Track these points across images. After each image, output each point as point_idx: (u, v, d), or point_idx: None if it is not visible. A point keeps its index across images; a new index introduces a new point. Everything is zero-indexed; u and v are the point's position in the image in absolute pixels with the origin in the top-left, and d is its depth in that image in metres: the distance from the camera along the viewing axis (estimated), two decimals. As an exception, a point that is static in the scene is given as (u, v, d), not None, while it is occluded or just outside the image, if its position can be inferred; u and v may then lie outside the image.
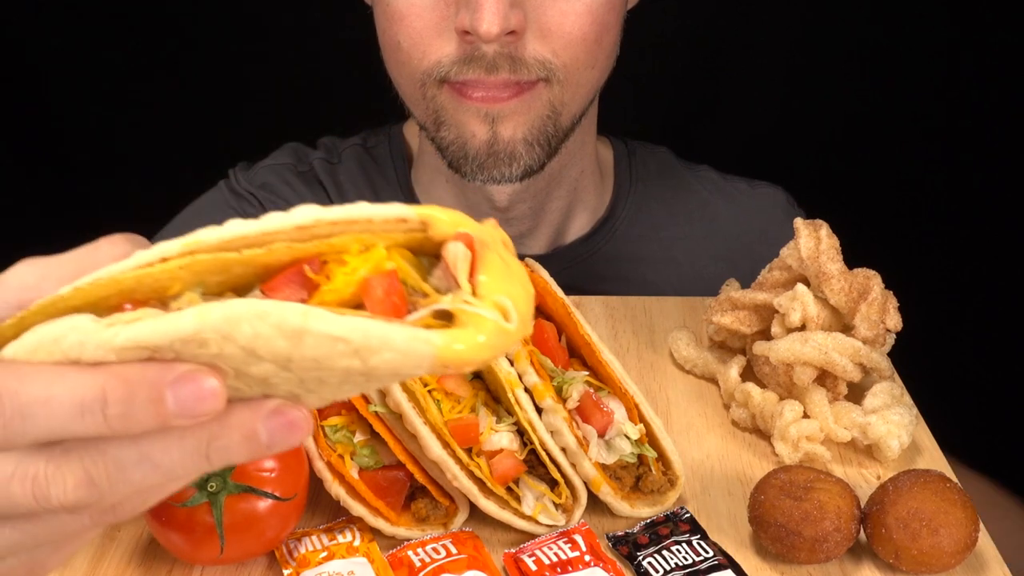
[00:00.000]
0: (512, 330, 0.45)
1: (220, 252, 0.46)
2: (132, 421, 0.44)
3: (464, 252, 0.46)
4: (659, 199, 1.39)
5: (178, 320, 0.43)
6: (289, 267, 0.46)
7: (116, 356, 0.44)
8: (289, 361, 0.43)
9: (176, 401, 0.44)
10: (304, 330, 0.42)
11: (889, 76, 1.82)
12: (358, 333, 0.42)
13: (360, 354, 0.43)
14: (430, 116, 1.16)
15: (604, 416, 0.85)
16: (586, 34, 1.10)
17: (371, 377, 0.45)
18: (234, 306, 0.42)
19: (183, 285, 0.46)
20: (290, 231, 0.46)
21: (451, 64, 1.09)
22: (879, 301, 0.96)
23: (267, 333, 0.42)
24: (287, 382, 0.45)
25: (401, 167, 1.38)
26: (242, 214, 1.34)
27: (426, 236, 0.47)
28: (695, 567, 0.80)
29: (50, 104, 1.86)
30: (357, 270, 0.45)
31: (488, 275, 0.46)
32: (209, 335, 0.43)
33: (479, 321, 0.44)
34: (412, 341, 0.43)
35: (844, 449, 0.96)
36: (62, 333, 0.45)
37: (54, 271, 0.50)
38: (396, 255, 0.47)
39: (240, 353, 0.43)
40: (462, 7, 1.05)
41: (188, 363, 0.44)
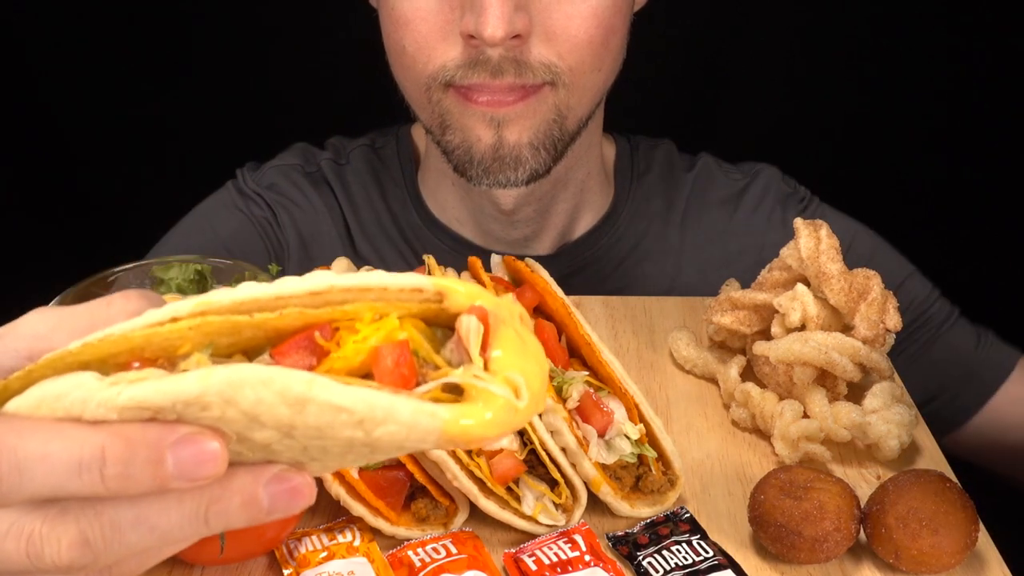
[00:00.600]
0: (522, 408, 0.44)
1: (231, 315, 0.45)
2: (130, 482, 0.44)
3: (477, 326, 0.46)
4: (660, 194, 1.39)
5: (181, 382, 0.43)
6: (300, 332, 0.46)
7: (118, 415, 0.44)
8: (292, 428, 0.43)
9: (176, 463, 0.43)
10: (307, 398, 0.42)
11: (890, 76, 1.82)
12: (362, 404, 0.42)
13: (364, 425, 0.42)
14: (435, 120, 1.15)
15: (604, 416, 0.85)
16: (592, 37, 1.09)
17: (375, 448, 0.44)
18: (238, 371, 0.42)
19: (193, 345, 0.46)
20: (303, 296, 0.46)
21: (456, 68, 1.08)
22: (879, 301, 0.96)
23: (270, 399, 0.42)
24: (290, 449, 0.45)
25: (408, 169, 1.38)
26: (249, 215, 1.35)
27: (441, 307, 0.47)
28: (695, 567, 0.80)
29: (57, 105, 1.86)
30: (368, 339, 0.45)
31: (502, 350, 0.45)
32: (212, 398, 0.42)
33: (489, 397, 0.44)
34: (418, 414, 0.42)
35: (844, 449, 0.96)
36: (65, 390, 0.45)
37: (66, 322, 0.50)
38: (409, 325, 0.46)
39: (242, 418, 0.43)
40: (467, 11, 1.05)
41: (190, 425, 0.44)
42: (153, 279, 0.97)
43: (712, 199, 1.40)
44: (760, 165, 1.42)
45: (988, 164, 1.84)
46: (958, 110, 1.82)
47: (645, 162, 1.41)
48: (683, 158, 1.44)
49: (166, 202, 1.38)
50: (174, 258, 0.97)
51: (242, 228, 1.35)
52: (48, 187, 1.93)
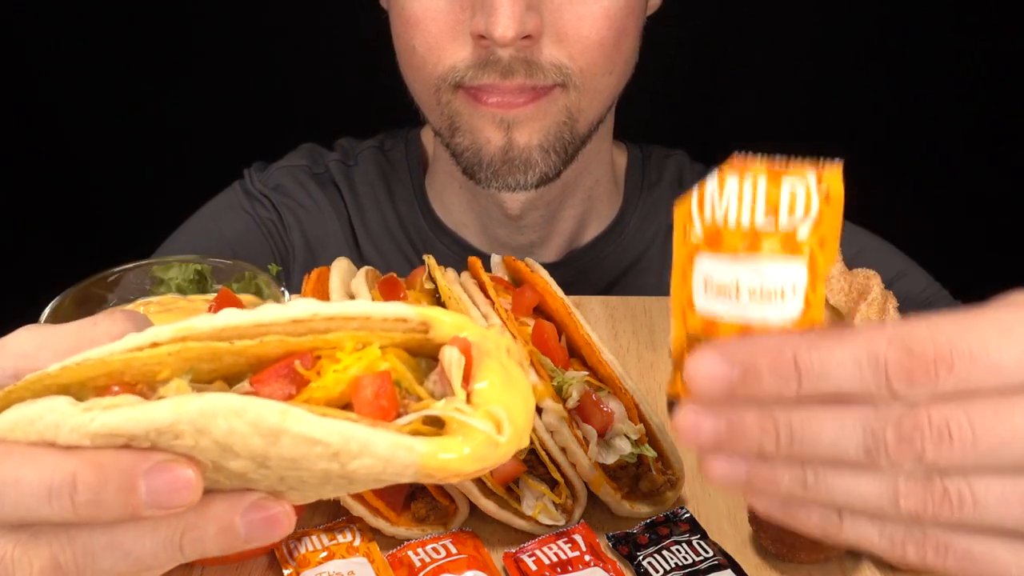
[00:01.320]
0: (503, 443, 0.44)
1: (212, 341, 0.45)
2: (101, 509, 0.43)
3: (459, 357, 0.45)
4: (669, 205, 1.38)
5: (154, 410, 0.42)
6: (281, 360, 0.45)
7: (90, 441, 0.43)
8: (266, 459, 0.42)
9: (149, 491, 0.43)
10: (281, 430, 0.41)
11: (900, 76, 1.81)
12: (337, 436, 0.41)
13: (339, 458, 0.42)
14: (445, 122, 1.14)
15: (604, 416, 0.85)
16: (604, 39, 1.08)
17: (352, 480, 0.44)
18: (211, 400, 0.42)
19: (172, 371, 0.45)
20: (285, 324, 0.45)
21: (466, 69, 1.08)
22: (879, 301, 0.96)
23: (242, 430, 0.41)
24: (267, 478, 0.44)
25: (416, 171, 1.38)
26: (255, 216, 1.35)
27: (427, 337, 0.47)
28: (695, 567, 0.80)
29: (60, 105, 1.86)
30: (349, 368, 0.45)
31: (487, 382, 0.45)
32: (184, 427, 0.42)
33: (469, 431, 0.43)
34: (394, 448, 0.42)
35: (844, 449, 0.96)
36: (39, 414, 0.44)
37: (52, 342, 0.50)
38: (392, 355, 0.46)
39: (215, 448, 0.42)
40: (477, 11, 1.04)
41: (164, 453, 0.43)
42: (153, 279, 0.97)
43: None
44: None
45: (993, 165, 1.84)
46: (968, 113, 1.82)
47: (656, 172, 1.39)
48: (695, 169, 1.42)
49: (173, 202, 1.37)
50: (174, 258, 0.97)
51: (248, 230, 1.35)
52: (52, 187, 1.93)
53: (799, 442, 0.43)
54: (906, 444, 0.42)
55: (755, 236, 0.44)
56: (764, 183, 0.44)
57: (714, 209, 0.45)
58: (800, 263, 0.43)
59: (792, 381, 0.43)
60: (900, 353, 0.42)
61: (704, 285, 0.45)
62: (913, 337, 0.42)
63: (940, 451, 0.41)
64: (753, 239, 0.44)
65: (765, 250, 0.43)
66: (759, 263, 0.44)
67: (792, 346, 0.43)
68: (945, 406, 0.42)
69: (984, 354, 0.41)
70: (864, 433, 0.42)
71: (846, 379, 0.42)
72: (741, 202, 0.44)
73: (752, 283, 0.44)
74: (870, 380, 0.42)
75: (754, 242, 0.44)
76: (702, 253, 0.45)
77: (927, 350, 0.41)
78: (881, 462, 0.42)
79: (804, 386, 0.42)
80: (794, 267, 0.43)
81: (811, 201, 0.43)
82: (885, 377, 0.42)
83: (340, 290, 0.99)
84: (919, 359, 0.41)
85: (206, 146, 1.78)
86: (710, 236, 0.45)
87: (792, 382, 0.43)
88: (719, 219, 0.44)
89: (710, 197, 0.45)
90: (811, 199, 0.43)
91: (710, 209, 0.45)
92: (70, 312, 0.91)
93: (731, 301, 0.44)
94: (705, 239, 0.45)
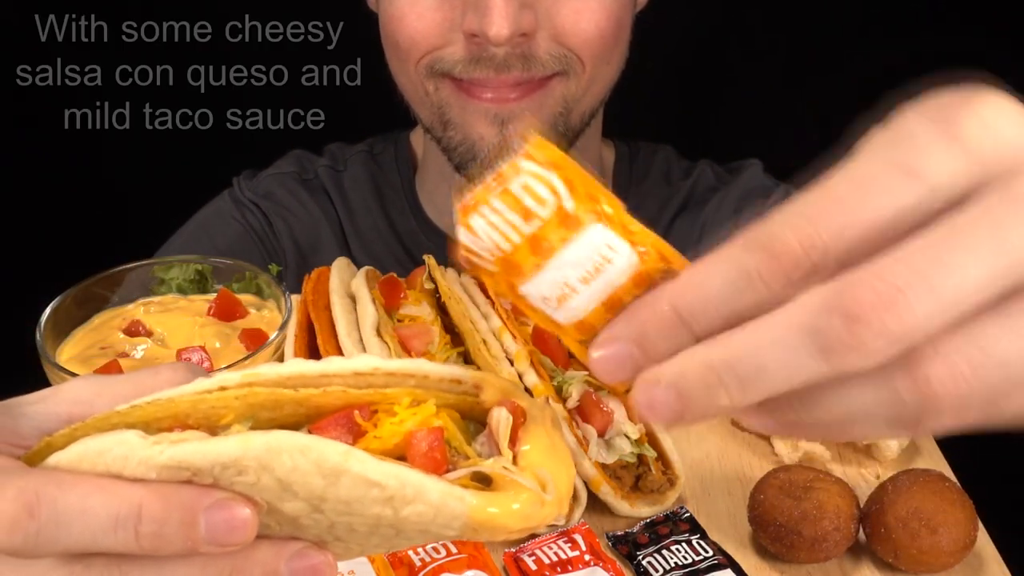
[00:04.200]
0: (549, 502, 0.45)
1: (277, 388, 0.46)
2: (163, 541, 0.44)
3: (507, 417, 0.47)
4: (656, 199, 1.38)
5: (222, 444, 0.43)
6: (340, 410, 0.47)
7: (156, 474, 0.44)
8: (322, 501, 0.44)
9: (208, 527, 0.43)
10: (342, 470, 0.42)
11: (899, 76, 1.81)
12: (394, 480, 0.43)
13: (393, 502, 0.43)
14: (435, 115, 1.14)
15: (604, 416, 0.85)
16: (603, 30, 1.08)
17: (400, 531, 0.45)
18: (278, 436, 0.43)
19: (236, 416, 0.47)
20: (348, 376, 0.47)
21: (456, 61, 1.07)
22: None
23: (305, 468, 0.43)
24: (317, 525, 0.45)
25: (406, 174, 1.38)
26: (244, 224, 1.35)
27: (477, 400, 0.49)
28: (695, 566, 0.80)
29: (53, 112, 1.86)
30: (405, 422, 0.46)
31: (531, 446, 0.46)
32: (249, 463, 0.43)
33: (517, 488, 0.45)
34: (447, 496, 0.43)
35: (843, 449, 0.96)
36: (108, 446, 0.45)
37: (109, 389, 0.51)
38: (444, 415, 0.47)
39: (276, 486, 0.43)
40: (469, 10, 1.03)
41: (225, 491, 0.44)
42: (154, 279, 0.97)
43: (707, 199, 1.39)
44: (746, 162, 1.40)
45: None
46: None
47: (644, 167, 1.40)
48: (682, 164, 1.42)
49: (164, 211, 1.38)
50: (175, 258, 0.97)
51: (239, 237, 1.35)
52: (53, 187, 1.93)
53: (748, 378, 0.38)
54: (858, 324, 0.36)
55: (536, 240, 0.43)
56: (499, 200, 0.43)
57: (487, 250, 0.44)
58: (593, 224, 0.43)
59: (684, 332, 0.40)
60: (762, 256, 0.38)
61: (548, 305, 0.44)
62: (768, 235, 0.38)
63: (904, 315, 0.36)
64: (537, 244, 0.43)
65: (557, 242, 0.42)
66: (565, 255, 0.43)
67: (663, 297, 0.41)
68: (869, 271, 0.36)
69: (848, 212, 0.38)
70: (807, 333, 0.37)
71: (728, 298, 0.39)
72: (500, 229, 0.43)
73: (577, 273, 0.43)
74: (751, 294, 0.38)
75: (541, 245, 0.43)
76: (518, 285, 0.44)
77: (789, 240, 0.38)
78: (849, 359, 0.36)
79: (696, 327, 0.40)
80: (592, 231, 0.43)
81: (544, 177, 0.43)
82: (764, 285, 0.38)
83: (340, 290, 0.99)
84: (782, 254, 0.38)
85: (194, 154, 1.79)
86: (508, 269, 0.44)
87: (684, 332, 0.40)
88: (499, 252, 0.43)
89: (475, 245, 0.44)
90: (542, 176, 0.43)
91: (485, 252, 0.44)
92: (71, 311, 0.91)
93: (579, 295, 0.43)
94: (507, 274, 0.44)
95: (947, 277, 0.36)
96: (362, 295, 0.95)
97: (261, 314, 0.95)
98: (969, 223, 0.37)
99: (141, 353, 0.88)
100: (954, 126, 0.38)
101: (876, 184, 0.38)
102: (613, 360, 0.42)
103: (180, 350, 0.86)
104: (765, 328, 0.38)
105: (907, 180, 0.38)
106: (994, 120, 0.38)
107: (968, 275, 0.36)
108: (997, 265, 0.36)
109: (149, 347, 0.89)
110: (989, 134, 0.38)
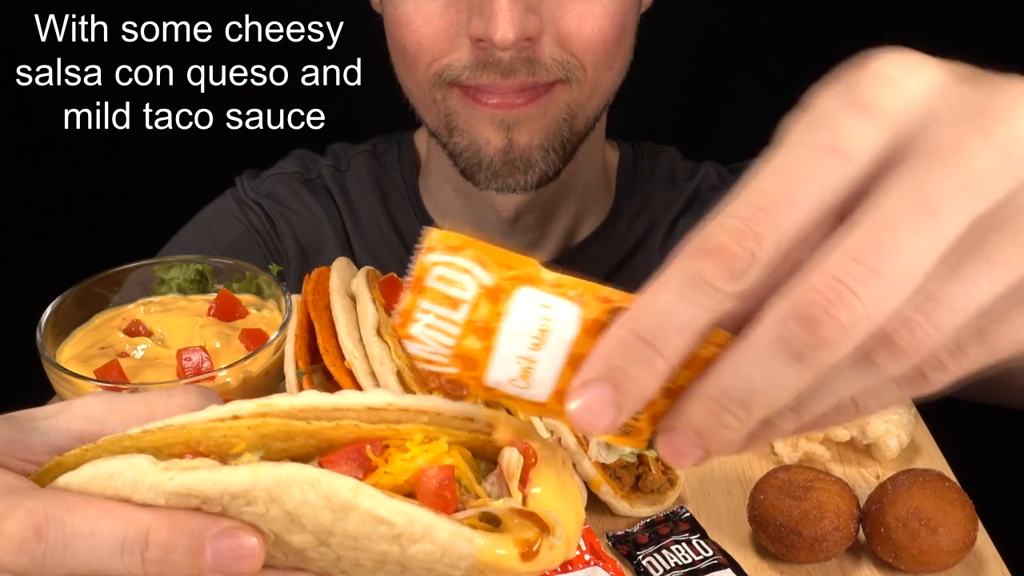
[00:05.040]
0: (558, 546, 0.45)
1: (290, 419, 0.46)
2: (168, 568, 0.44)
3: (518, 458, 0.47)
4: (660, 200, 1.39)
5: (232, 474, 0.43)
6: (351, 444, 0.47)
7: (165, 500, 0.44)
8: (330, 535, 0.44)
9: (215, 555, 0.44)
10: (351, 505, 0.43)
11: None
12: (403, 518, 0.43)
13: (400, 540, 0.43)
14: (441, 121, 1.14)
15: (604, 416, 0.85)
16: (606, 36, 1.07)
17: (406, 568, 0.45)
18: (288, 469, 0.43)
19: (247, 445, 0.47)
20: (361, 410, 0.47)
21: (463, 68, 1.07)
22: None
23: (314, 501, 0.43)
24: (323, 558, 0.45)
25: (410, 175, 1.38)
26: (247, 223, 1.35)
27: (489, 439, 0.48)
28: (695, 566, 0.80)
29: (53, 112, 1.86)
30: (416, 458, 0.46)
31: (542, 488, 0.46)
32: (259, 493, 0.43)
33: (526, 531, 0.45)
34: (454, 537, 0.43)
35: (843, 448, 0.96)
36: (118, 470, 0.45)
37: (122, 408, 0.51)
38: (456, 452, 0.48)
39: (284, 518, 0.43)
40: (474, 14, 1.03)
41: (232, 520, 0.44)
42: (154, 279, 0.97)
43: (712, 201, 1.39)
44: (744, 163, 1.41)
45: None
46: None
47: (648, 168, 1.39)
48: (686, 166, 1.42)
49: (166, 210, 1.38)
50: (175, 258, 0.97)
51: (241, 237, 1.35)
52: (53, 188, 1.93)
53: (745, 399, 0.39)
54: (815, 324, 0.37)
55: (474, 325, 0.42)
56: (425, 300, 0.43)
57: (437, 352, 0.43)
58: (518, 290, 0.42)
59: (651, 353, 0.40)
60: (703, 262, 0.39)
61: (519, 387, 0.43)
62: (704, 239, 0.39)
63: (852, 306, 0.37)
64: (477, 328, 0.42)
65: (493, 320, 0.42)
66: (506, 328, 0.42)
67: (621, 327, 0.40)
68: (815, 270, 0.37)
69: (780, 204, 0.38)
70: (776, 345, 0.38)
71: (684, 310, 0.39)
72: (437, 327, 0.43)
73: (525, 342, 0.42)
74: (703, 300, 0.39)
75: (481, 328, 0.42)
76: (482, 378, 0.43)
77: (724, 239, 0.38)
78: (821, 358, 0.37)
79: (663, 350, 0.39)
80: (521, 297, 0.42)
81: (454, 263, 0.42)
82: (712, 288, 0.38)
83: (340, 290, 0.99)
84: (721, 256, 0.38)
85: (197, 153, 1.79)
86: (464, 363, 0.43)
87: (651, 353, 0.40)
88: (447, 349, 0.43)
89: (424, 352, 0.44)
90: (451, 262, 0.42)
91: (436, 356, 0.44)
92: (72, 311, 0.91)
93: (540, 365, 0.42)
94: (467, 370, 0.44)
95: (887, 259, 0.37)
96: (362, 295, 0.95)
97: (261, 314, 0.95)
98: (896, 199, 0.38)
99: (141, 353, 0.88)
100: (862, 94, 0.39)
101: (802, 171, 0.39)
102: (591, 405, 0.41)
103: (180, 350, 0.86)
104: (742, 348, 0.39)
105: (831, 160, 0.39)
106: (896, 76, 0.39)
107: (905, 252, 0.37)
108: (931, 233, 0.37)
109: (149, 347, 0.89)
110: (894, 92, 0.39)
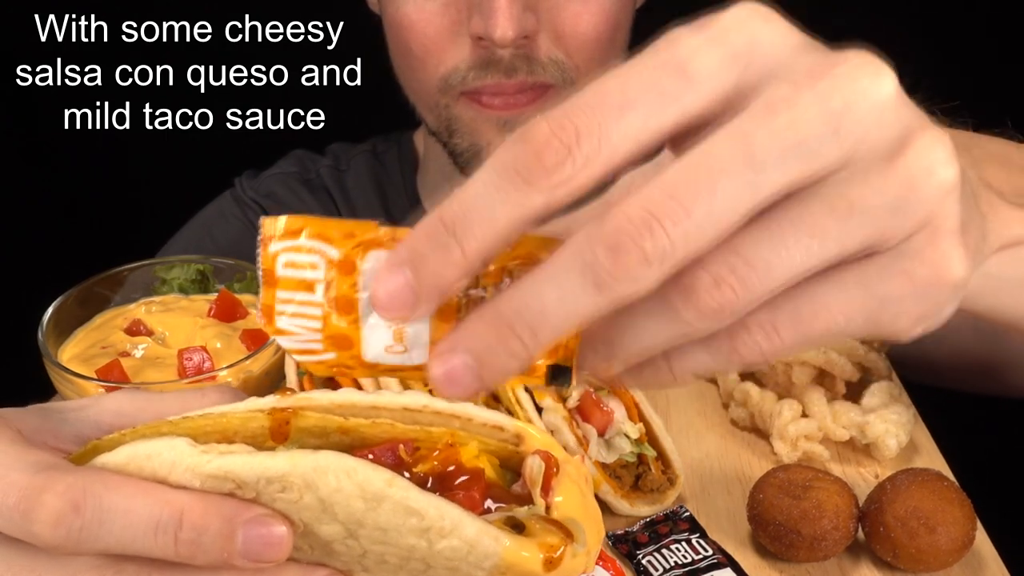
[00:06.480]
0: (580, 553, 0.46)
1: (329, 413, 0.47)
2: (199, 550, 0.44)
3: (540, 464, 0.48)
4: None
5: (270, 459, 0.44)
6: (384, 443, 0.48)
7: (200, 483, 0.45)
8: (360, 526, 0.44)
9: (245, 540, 0.44)
10: (385, 495, 0.43)
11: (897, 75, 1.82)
12: (434, 510, 0.43)
13: (429, 534, 0.44)
14: (442, 124, 1.15)
15: (604, 415, 0.86)
16: (600, 34, 1.09)
17: (430, 566, 0.46)
18: (326, 456, 0.44)
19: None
20: (397, 410, 0.48)
21: (467, 70, 1.08)
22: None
23: (348, 489, 0.43)
24: (349, 551, 0.46)
25: (409, 173, 1.38)
26: (246, 223, 1.36)
27: (516, 450, 0.50)
28: (694, 565, 0.80)
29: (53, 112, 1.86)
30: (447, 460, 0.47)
31: (565, 498, 0.47)
32: (295, 479, 0.44)
33: (551, 536, 0.45)
34: (483, 534, 0.44)
35: (842, 448, 0.96)
36: (157, 451, 0.46)
37: (154, 405, 0.51)
38: (485, 459, 0.49)
39: (316, 506, 0.44)
40: (474, 13, 1.04)
41: (264, 507, 0.45)
42: (156, 278, 0.97)
43: None
44: None
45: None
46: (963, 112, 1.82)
47: None
48: None
49: (166, 210, 1.38)
50: (176, 258, 0.98)
51: (241, 237, 1.35)
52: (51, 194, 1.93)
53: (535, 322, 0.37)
54: (620, 253, 0.36)
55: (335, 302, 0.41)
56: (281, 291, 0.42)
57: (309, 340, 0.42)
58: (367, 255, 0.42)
59: (449, 240, 0.39)
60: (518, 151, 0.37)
61: (399, 354, 0.42)
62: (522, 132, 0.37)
63: (659, 239, 0.35)
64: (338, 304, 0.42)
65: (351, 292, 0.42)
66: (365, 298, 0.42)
67: (434, 214, 0.40)
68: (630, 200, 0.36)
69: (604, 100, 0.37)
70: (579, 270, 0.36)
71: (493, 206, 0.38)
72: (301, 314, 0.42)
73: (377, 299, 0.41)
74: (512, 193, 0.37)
75: (342, 304, 0.42)
76: (361, 355, 0.42)
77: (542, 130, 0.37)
78: (619, 288, 0.36)
79: (463, 239, 0.38)
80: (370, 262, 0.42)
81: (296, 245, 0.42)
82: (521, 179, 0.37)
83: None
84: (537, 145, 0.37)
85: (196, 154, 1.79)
86: (338, 344, 0.42)
87: (450, 241, 0.39)
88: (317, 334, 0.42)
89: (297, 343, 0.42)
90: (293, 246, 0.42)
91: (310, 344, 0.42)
92: (73, 311, 0.92)
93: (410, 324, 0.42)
94: (343, 351, 0.42)
95: (700, 200, 0.36)
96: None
97: (262, 314, 0.95)
98: (722, 143, 0.37)
99: (142, 352, 0.88)
100: (718, 30, 0.39)
101: (642, 79, 0.38)
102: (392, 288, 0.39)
103: (181, 350, 0.86)
104: (545, 269, 0.37)
105: (674, 77, 0.38)
106: (748, 20, 0.39)
107: (719, 196, 0.36)
108: (749, 184, 0.36)
109: (150, 347, 0.89)
110: (748, 35, 0.39)
